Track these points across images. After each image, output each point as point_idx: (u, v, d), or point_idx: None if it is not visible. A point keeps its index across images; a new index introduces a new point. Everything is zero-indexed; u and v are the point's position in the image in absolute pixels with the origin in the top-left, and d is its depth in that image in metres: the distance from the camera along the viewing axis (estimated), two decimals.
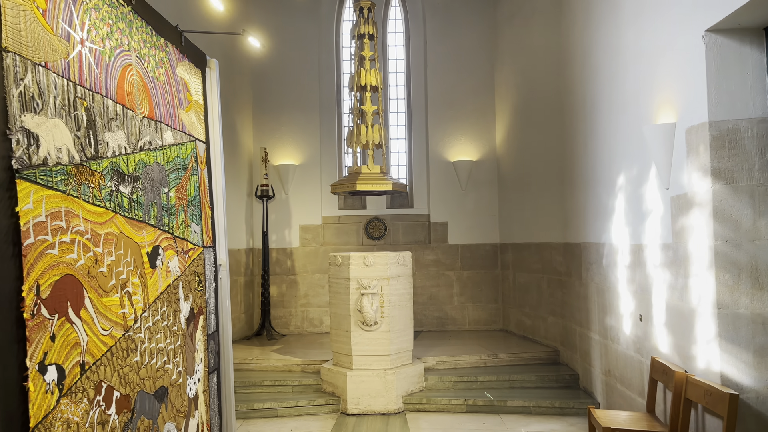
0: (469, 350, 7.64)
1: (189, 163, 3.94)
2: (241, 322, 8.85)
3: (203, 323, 4.03)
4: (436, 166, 9.37)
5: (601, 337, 6.04)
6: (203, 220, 4.15)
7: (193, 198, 3.97)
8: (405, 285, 6.75)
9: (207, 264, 4.16)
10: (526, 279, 8.36)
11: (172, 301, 3.50)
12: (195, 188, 4.03)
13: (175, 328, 3.54)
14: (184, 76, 3.96)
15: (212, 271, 4.25)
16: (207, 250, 4.18)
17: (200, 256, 4.05)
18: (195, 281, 3.91)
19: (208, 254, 4.21)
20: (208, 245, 4.22)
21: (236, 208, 8.84)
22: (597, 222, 6.09)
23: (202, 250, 4.09)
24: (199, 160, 4.16)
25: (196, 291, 3.93)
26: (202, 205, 4.14)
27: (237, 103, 8.96)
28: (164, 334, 3.37)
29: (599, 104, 6.00)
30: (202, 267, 4.06)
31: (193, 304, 3.84)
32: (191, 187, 3.95)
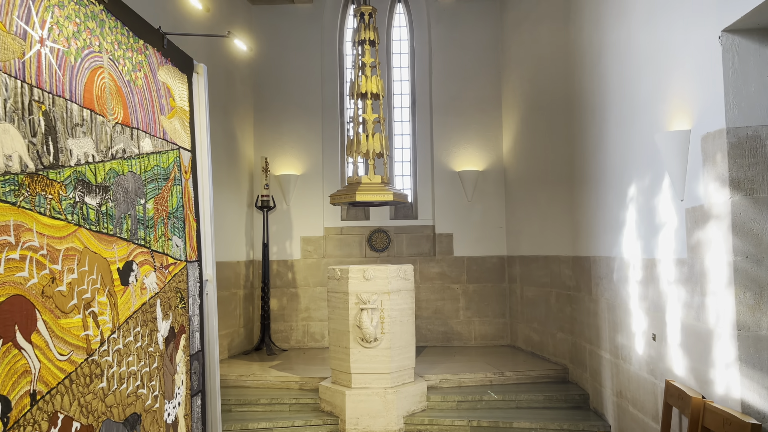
0: (474, 367, 7.34)
1: (171, 173, 3.72)
2: (240, 336, 8.61)
3: (185, 343, 3.79)
4: (442, 176, 9.12)
5: (612, 356, 5.74)
6: (187, 233, 3.92)
7: (175, 210, 3.74)
8: (406, 300, 6.49)
9: (191, 279, 3.93)
10: (534, 293, 8.07)
11: (148, 320, 3.26)
12: (178, 199, 3.81)
13: (152, 349, 3.30)
14: (166, 80, 3.75)
15: (197, 286, 4.02)
16: (191, 265, 3.95)
17: (183, 271, 3.81)
18: (176, 298, 3.68)
19: (193, 269, 3.97)
20: (193, 259, 3.98)
21: (236, 220, 8.63)
22: (607, 235, 5.81)
23: (185, 264, 3.86)
24: (183, 169, 3.94)
25: (178, 309, 3.69)
26: (185, 217, 3.91)
27: (237, 111, 8.77)
28: (138, 356, 3.13)
29: (609, 112, 5.74)
30: (184, 283, 3.83)
31: (173, 323, 3.61)
32: (173, 198, 3.72)
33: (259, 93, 9.26)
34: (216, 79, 8.16)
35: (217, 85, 8.19)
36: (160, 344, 3.41)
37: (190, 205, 4.00)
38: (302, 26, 9.26)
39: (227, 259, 8.30)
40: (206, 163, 4.31)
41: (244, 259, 8.80)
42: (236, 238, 8.62)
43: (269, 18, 9.26)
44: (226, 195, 8.36)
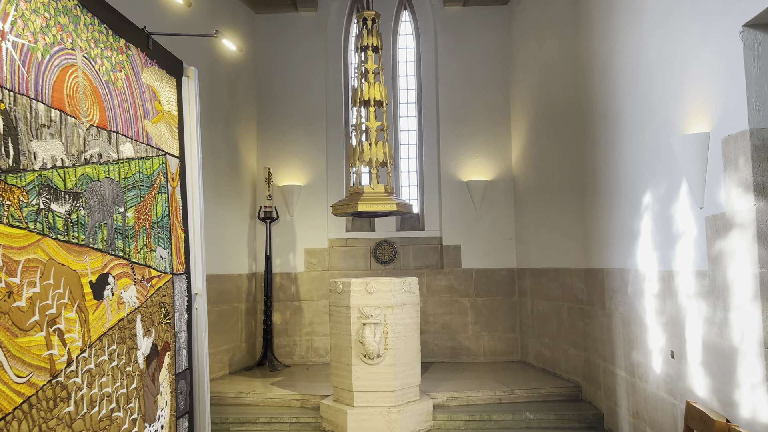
0: (482, 384, 7.05)
1: (156, 180, 3.51)
2: (242, 351, 8.38)
3: (170, 361, 3.56)
4: (449, 186, 8.88)
5: (627, 374, 5.43)
6: (174, 244, 3.71)
7: (159, 219, 3.53)
8: (411, 314, 6.23)
9: (177, 293, 3.70)
10: (545, 307, 7.77)
11: (126, 337, 3.04)
12: (163, 208, 3.59)
13: (130, 368, 3.07)
14: (152, 83, 3.55)
15: (184, 301, 3.79)
16: (177, 278, 3.73)
17: (168, 284, 3.59)
18: (160, 313, 3.45)
19: (179, 282, 3.75)
20: (180, 272, 3.76)
21: (238, 231, 8.43)
22: (621, 246, 5.53)
23: (171, 277, 3.64)
24: (170, 177, 3.73)
25: (161, 324, 3.47)
26: (172, 226, 3.70)
27: (240, 121, 8.60)
28: (113, 376, 2.90)
29: (621, 117, 5.48)
30: (170, 297, 3.60)
31: (155, 340, 3.38)
32: (157, 207, 3.51)
33: (262, 102, 9.09)
34: (218, 88, 8.01)
35: (218, 94, 8.03)
36: (141, 363, 3.18)
37: (178, 214, 3.79)
38: (306, 34, 9.10)
39: (229, 272, 8.09)
40: (197, 170, 4.10)
41: (246, 272, 8.58)
42: (238, 250, 8.41)
43: (272, 26, 9.11)
44: (228, 206, 8.16)
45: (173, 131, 3.81)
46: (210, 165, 7.72)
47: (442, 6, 9.04)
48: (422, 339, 8.60)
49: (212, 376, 7.58)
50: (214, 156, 7.83)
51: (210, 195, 7.67)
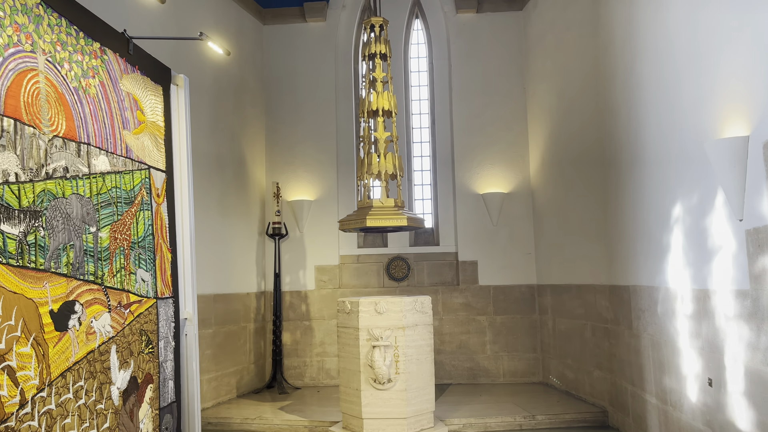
0: (502, 409, 6.63)
1: (137, 196, 3.22)
2: (251, 373, 8.06)
3: (153, 394, 3.24)
4: (464, 200, 8.52)
5: (659, 401, 5.00)
6: (158, 266, 3.41)
7: (141, 239, 3.23)
8: (424, 335, 5.86)
9: (162, 319, 3.40)
10: (568, 326, 7.34)
11: (97, 371, 2.73)
12: (146, 226, 3.30)
13: (101, 406, 2.76)
14: (132, 91, 3.27)
15: (171, 327, 3.48)
16: (163, 302, 3.42)
17: (151, 310, 3.29)
18: (140, 342, 3.15)
19: (165, 307, 3.44)
20: (165, 296, 3.46)
21: (246, 249, 8.14)
22: (649, 261, 5.12)
23: (155, 302, 3.33)
24: (155, 192, 3.44)
25: (142, 354, 3.16)
26: (156, 247, 3.40)
27: (247, 135, 8.36)
28: (80, 416, 2.59)
29: (647, 123, 5.10)
30: (153, 323, 3.30)
31: (135, 372, 3.07)
32: (138, 226, 3.22)
33: (270, 115, 8.84)
34: (223, 100, 7.77)
35: (224, 107, 7.79)
36: (115, 399, 2.87)
37: (164, 233, 3.49)
38: (315, 45, 8.85)
39: (236, 291, 7.80)
40: (186, 185, 3.81)
41: (254, 291, 8.28)
42: (246, 268, 8.12)
43: (281, 37, 8.88)
44: (235, 222, 7.89)
45: (159, 143, 3.53)
46: (216, 180, 7.47)
47: (454, 13, 8.74)
48: (438, 359, 8.22)
49: (218, 400, 7.27)
50: (220, 170, 7.58)
51: (216, 211, 7.41)
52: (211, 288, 7.20)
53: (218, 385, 7.27)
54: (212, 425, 6.57)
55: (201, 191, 7.12)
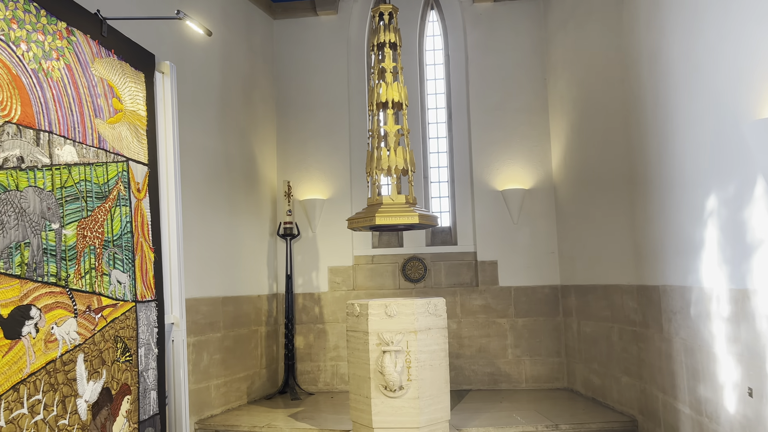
0: (523, 417, 6.24)
1: (112, 191, 2.96)
2: (262, 378, 7.80)
3: (130, 406, 2.97)
4: (483, 196, 8.15)
5: (693, 411, 4.59)
6: (138, 267, 3.14)
7: (117, 237, 2.97)
8: (438, 339, 5.52)
9: (142, 324, 3.13)
10: (593, 328, 6.93)
11: (59, 383, 2.46)
12: (124, 224, 3.03)
13: (65, 421, 2.49)
14: (107, 76, 3.01)
15: (153, 333, 3.21)
16: (144, 306, 3.15)
17: (129, 314, 3.02)
18: (115, 350, 2.88)
19: (146, 311, 3.17)
20: (147, 299, 3.19)
21: (256, 250, 7.89)
22: (679, 259, 4.72)
23: (134, 306, 3.07)
24: (135, 187, 3.17)
25: (118, 363, 2.89)
26: (136, 245, 3.13)
27: (257, 132, 8.11)
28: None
29: (675, 108, 4.70)
30: (131, 329, 3.03)
31: (108, 383, 2.80)
32: (114, 223, 2.95)
33: (281, 112, 8.59)
34: (232, 97, 7.54)
35: (233, 103, 7.56)
36: (83, 413, 2.60)
37: (145, 231, 3.23)
38: (327, 39, 8.57)
39: (247, 293, 7.55)
40: (173, 180, 3.54)
41: (266, 293, 8.03)
42: (257, 269, 7.87)
43: (292, 32, 8.63)
44: (245, 223, 7.64)
45: (140, 134, 3.26)
46: (224, 179, 7.23)
47: (471, 3, 8.39)
48: (457, 364, 7.87)
49: (228, 406, 7.02)
50: (228, 169, 7.34)
51: (224, 211, 7.18)
52: (219, 290, 6.97)
53: (227, 390, 7.02)
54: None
55: (208, 190, 6.89)
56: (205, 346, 6.63)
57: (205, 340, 6.64)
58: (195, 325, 6.47)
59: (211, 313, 6.77)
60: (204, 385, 6.60)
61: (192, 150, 6.59)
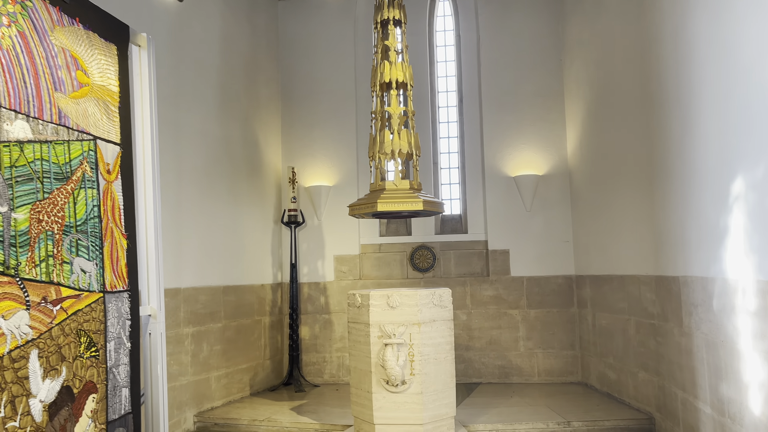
0: (534, 413, 5.97)
1: (75, 171, 2.72)
2: (266, 370, 7.59)
3: (96, 406, 2.74)
4: (494, 183, 7.83)
5: (714, 411, 4.27)
6: (109, 254, 2.90)
7: (81, 221, 2.73)
8: (443, 332, 5.25)
9: (112, 316, 2.89)
10: (609, 321, 6.60)
11: (6, 381, 2.24)
12: (90, 207, 2.79)
13: (14, 423, 2.26)
14: (70, 47, 2.76)
15: (125, 326, 2.98)
16: (114, 297, 2.92)
17: (95, 306, 2.78)
18: (78, 344, 2.65)
19: (117, 302, 2.94)
20: (118, 289, 2.95)
21: (260, 238, 7.66)
22: (702, 248, 4.38)
23: (101, 297, 2.83)
24: (104, 168, 2.93)
25: (81, 359, 2.66)
26: (105, 231, 2.89)
27: (261, 117, 7.86)
28: None
29: (699, 86, 4.35)
30: (98, 322, 2.79)
31: (69, 381, 2.57)
32: (77, 206, 2.71)
33: (286, 96, 8.32)
34: (233, 81, 7.29)
35: (234, 87, 7.30)
36: (37, 414, 2.37)
37: (116, 216, 2.98)
38: (333, 20, 8.27)
39: (249, 282, 7.33)
40: (151, 162, 3.30)
41: (270, 282, 7.80)
42: (260, 258, 7.64)
43: (296, 13, 8.34)
44: (248, 210, 7.41)
45: (110, 111, 3.01)
46: (225, 165, 7.00)
47: None
48: (467, 357, 7.60)
49: (229, 398, 6.83)
50: (229, 155, 7.10)
51: (225, 198, 6.95)
52: (220, 279, 6.75)
53: (229, 382, 6.82)
54: (219, 426, 6.13)
55: (208, 177, 6.66)
56: (204, 337, 6.43)
57: (204, 330, 6.44)
58: (194, 315, 6.27)
59: (211, 303, 6.56)
60: (204, 377, 6.40)
61: (190, 135, 6.36)
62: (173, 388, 5.87)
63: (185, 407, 6.07)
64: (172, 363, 5.89)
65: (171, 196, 5.96)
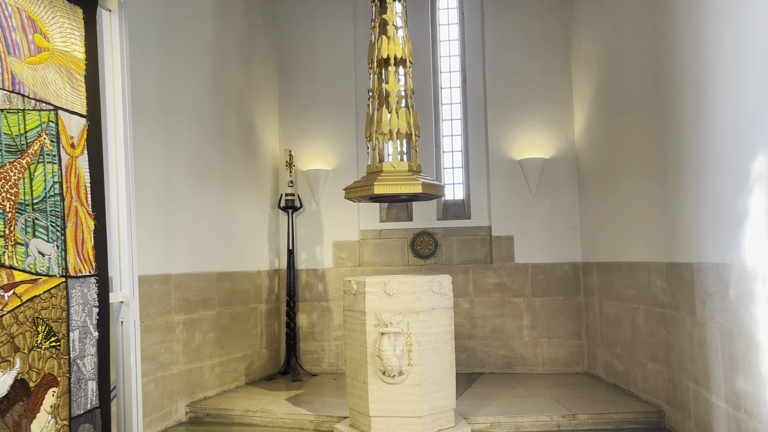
0: (537, 405, 5.74)
1: (32, 144, 2.48)
2: (263, 358, 7.39)
3: (57, 401, 2.52)
4: (499, 167, 7.55)
5: (729, 406, 4.02)
6: (72, 235, 2.67)
7: (38, 199, 2.49)
8: (442, 320, 5.01)
9: (76, 303, 2.66)
10: (617, 309, 6.34)
11: None
12: (50, 184, 2.56)
13: None
14: (27, 7, 2.51)
15: (92, 313, 2.74)
16: (78, 282, 2.68)
17: (56, 291, 2.55)
18: (35, 333, 2.42)
19: (82, 288, 2.70)
20: (84, 274, 2.72)
21: (256, 223, 7.43)
22: (718, 232, 4.11)
23: (63, 282, 2.59)
24: (67, 141, 2.68)
25: (38, 350, 2.43)
26: (68, 210, 2.65)
27: (257, 98, 7.59)
28: None
29: (716, 58, 4.05)
30: (59, 309, 2.56)
31: (24, 373, 2.34)
32: (34, 183, 2.47)
33: (283, 77, 8.05)
34: (228, 61, 7.02)
35: (229, 68, 7.04)
36: None
37: (81, 194, 2.74)
38: None
39: (245, 268, 7.11)
40: (123, 137, 3.05)
41: (267, 269, 7.58)
42: (256, 244, 7.41)
43: None
44: (243, 194, 7.17)
45: (75, 80, 2.76)
46: (218, 147, 6.75)
47: None
48: (469, 346, 7.37)
49: (224, 387, 6.63)
50: (223, 137, 6.85)
51: (218, 182, 6.71)
52: (213, 266, 6.53)
53: (223, 371, 6.62)
54: (211, 417, 5.93)
55: (201, 159, 6.42)
56: (197, 325, 6.22)
57: (197, 318, 6.22)
58: (186, 302, 6.05)
59: (204, 290, 6.34)
60: (196, 366, 6.20)
61: (181, 115, 6.11)
62: (164, 377, 5.67)
63: (177, 397, 5.87)
64: (163, 351, 5.68)
65: (160, 178, 5.73)
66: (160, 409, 5.60)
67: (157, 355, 5.58)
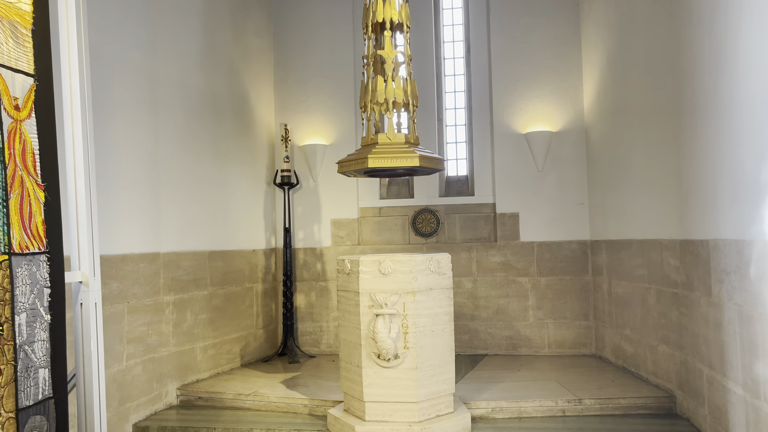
0: (542, 389, 5.48)
1: None
2: (259, 339, 7.17)
3: (4, 391, 2.26)
4: (504, 141, 7.21)
5: (747, 393, 3.73)
6: (17, 208, 2.39)
7: None
8: (440, 301, 4.73)
9: (23, 284, 2.39)
10: (626, 289, 6.04)
11: None
12: None
13: None
14: None
15: (42, 295, 2.48)
16: (25, 260, 2.42)
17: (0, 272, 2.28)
18: None
19: (30, 267, 2.44)
20: (31, 251, 2.45)
21: (251, 200, 7.16)
22: (737, 206, 3.79)
23: (6, 260, 2.33)
24: (11, 103, 2.40)
25: None
26: (12, 181, 2.38)
27: (251, 69, 7.27)
28: None
29: (738, 12, 3.69)
30: (4, 290, 2.30)
31: None
32: None
33: (279, 48, 7.71)
34: (220, 30, 6.69)
35: (221, 37, 6.71)
36: None
37: (28, 162, 2.46)
38: None
39: (239, 247, 6.86)
40: (79, 100, 2.76)
41: (263, 248, 7.33)
42: (251, 222, 7.15)
43: None
44: (237, 170, 6.89)
45: (19, 34, 2.47)
46: (209, 121, 6.46)
47: None
48: (472, 327, 7.11)
49: (217, 370, 6.41)
50: (215, 110, 6.55)
51: (209, 156, 6.42)
52: (205, 244, 6.27)
53: (216, 353, 6.40)
54: (202, 400, 5.72)
55: (189, 133, 6.13)
56: (188, 305, 5.98)
57: (188, 298, 5.98)
58: (176, 282, 5.81)
59: (195, 269, 6.09)
60: (188, 348, 5.97)
61: (169, 86, 5.81)
62: (152, 359, 5.45)
63: (167, 379, 5.66)
64: (151, 333, 5.45)
65: (146, 151, 5.45)
66: (149, 393, 5.39)
67: (144, 336, 5.35)
